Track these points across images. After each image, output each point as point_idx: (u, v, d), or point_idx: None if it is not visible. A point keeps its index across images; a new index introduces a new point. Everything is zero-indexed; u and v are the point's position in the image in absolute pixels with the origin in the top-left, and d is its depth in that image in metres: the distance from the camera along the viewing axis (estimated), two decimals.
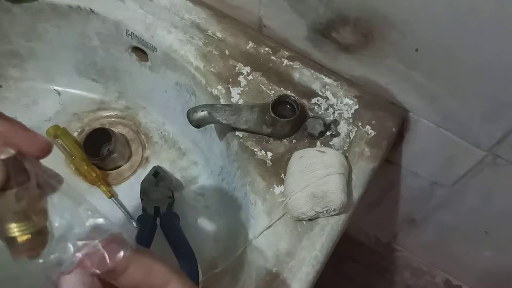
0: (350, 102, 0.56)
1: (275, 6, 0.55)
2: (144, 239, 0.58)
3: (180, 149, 0.71)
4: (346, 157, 0.52)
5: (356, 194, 0.51)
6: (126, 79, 0.70)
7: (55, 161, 0.68)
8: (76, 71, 0.71)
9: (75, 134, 0.70)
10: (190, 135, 0.69)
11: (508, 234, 0.66)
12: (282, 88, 0.57)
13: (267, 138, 0.54)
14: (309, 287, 0.47)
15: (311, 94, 0.57)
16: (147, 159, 0.70)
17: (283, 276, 0.47)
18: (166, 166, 0.68)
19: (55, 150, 0.68)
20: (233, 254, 0.51)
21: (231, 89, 0.57)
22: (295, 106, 0.53)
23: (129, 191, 0.67)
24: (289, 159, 0.52)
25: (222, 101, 0.56)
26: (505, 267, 0.73)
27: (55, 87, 0.73)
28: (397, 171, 0.67)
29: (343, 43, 0.53)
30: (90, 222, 0.25)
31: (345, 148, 0.53)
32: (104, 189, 0.66)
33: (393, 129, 0.55)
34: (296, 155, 0.51)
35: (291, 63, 0.59)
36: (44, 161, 0.27)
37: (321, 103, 0.56)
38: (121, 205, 0.66)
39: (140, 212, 0.62)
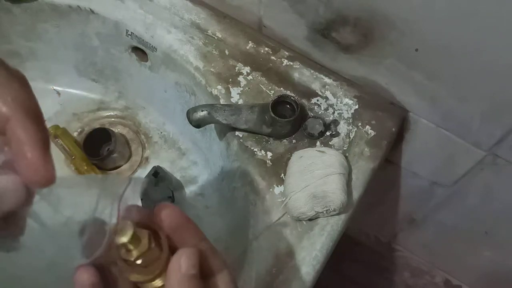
0: (350, 102, 0.56)
1: (275, 6, 0.55)
2: None
3: (180, 149, 0.71)
4: (346, 157, 0.52)
5: (356, 194, 0.51)
6: (126, 79, 0.70)
7: (55, 162, 0.68)
8: (76, 71, 0.71)
9: (75, 134, 0.70)
10: (190, 135, 0.69)
11: (508, 234, 0.66)
12: (282, 88, 0.57)
13: (267, 138, 0.54)
14: (309, 287, 0.47)
15: (311, 94, 0.57)
16: (147, 159, 0.70)
17: (283, 276, 0.47)
18: (166, 166, 0.68)
19: (55, 150, 0.68)
20: (233, 254, 0.51)
21: (231, 89, 0.57)
22: (295, 106, 0.53)
23: None
24: (289, 159, 0.52)
25: (222, 101, 0.56)
26: (505, 267, 0.73)
27: (55, 87, 0.73)
28: (397, 171, 0.67)
29: (343, 43, 0.53)
30: None
31: (345, 148, 0.53)
32: None
33: (393, 129, 0.55)
34: (296, 155, 0.51)
35: (291, 63, 0.59)
36: None
37: (321, 103, 0.56)
38: None
39: None
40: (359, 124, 0.55)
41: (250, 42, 0.60)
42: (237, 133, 0.55)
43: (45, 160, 0.23)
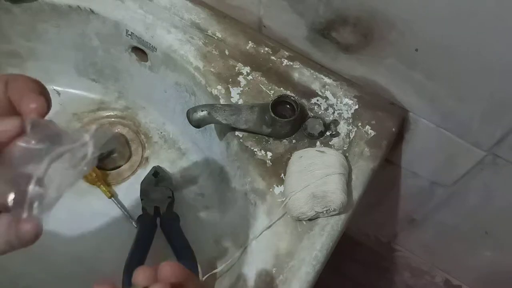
0: (350, 102, 0.56)
1: (275, 6, 0.55)
2: (144, 239, 0.58)
3: (180, 149, 0.71)
4: (346, 157, 0.52)
5: (356, 194, 0.51)
6: (126, 79, 0.70)
7: None
8: (75, 71, 0.71)
9: None
10: (190, 135, 0.69)
11: (508, 234, 0.66)
12: (282, 88, 0.57)
13: (267, 138, 0.54)
14: (309, 287, 0.47)
15: (311, 94, 0.57)
16: (147, 159, 0.70)
17: (283, 276, 0.47)
18: (166, 166, 0.68)
19: None
20: (233, 254, 0.51)
21: (231, 89, 0.57)
22: (295, 106, 0.53)
23: (129, 191, 0.67)
24: (289, 159, 0.52)
25: (222, 101, 0.56)
26: (505, 267, 0.73)
27: (55, 87, 0.73)
28: (397, 171, 0.67)
29: (343, 43, 0.53)
30: None
31: (345, 148, 0.53)
32: (104, 189, 0.66)
33: (393, 129, 0.55)
34: (296, 155, 0.51)
35: (291, 63, 0.59)
36: None
37: (321, 103, 0.56)
38: (121, 205, 0.66)
39: (140, 212, 0.62)
40: (359, 124, 0.55)
41: (250, 42, 0.60)
42: (237, 133, 0.55)
43: (39, 96, 0.31)
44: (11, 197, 0.28)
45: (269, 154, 0.53)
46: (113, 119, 0.72)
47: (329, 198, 0.47)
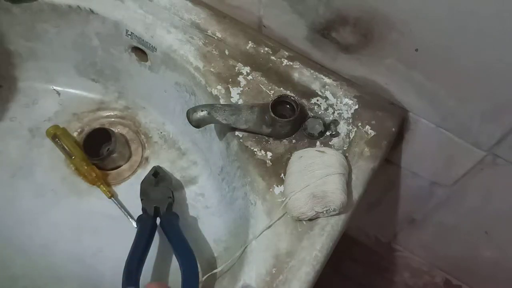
0: (350, 102, 0.56)
1: (275, 6, 0.55)
2: (144, 239, 0.58)
3: (180, 149, 0.71)
4: (346, 157, 0.52)
5: (356, 194, 0.51)
6: (126, 79, 0.70)
7: (55, 161, 0.68)
8: (75, 71, 0.71)
9: (75, 134, 0.70)
10: (190, 135, 0.69)
11: (508, 234, 0.66)
12: (281, 88, 0.57)
13: (267, 138, 0.54)
14: (309, 287, 0.47)
15: (311, 94, 0.57)
16: (146, 159, 0.70)
17: (283, 276, 0.47)
18: (166, 166, 0.68)
19: (55, 150, 0.68)
20: (233, 254, 0.51)
21: (231, 89, 0.57)
22: (295, 106, 0.53)
23: (129, 191, 0.67)
24: (289, 159, 0.52)
25: (222, 101, 0.56)
26: (505, 267, 0.73)
27: (54, 87, 0.73)
28: (397, 171, 0.67)
29: (343, 43, 0.53)
30: None
31: (344, 148, 0.54)
32: (104, 189, 0.66)
33: (393, 129, 0.55)
34: (296, 155, 0.51)
35: (291, 63, 0.59)
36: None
37: (320, 103, 0.56)
38: (121, 205, 0.66)
39: (140, 212, 0.62)
40: (359, 124, 0.55)
41: (250, 42, 0.60)
42: (237, 133, 0.55)
43: None
44: None
45: (269, 154, 0.53)
46: (113, 119, 0.72)
47: (329, 198, 0.47)
